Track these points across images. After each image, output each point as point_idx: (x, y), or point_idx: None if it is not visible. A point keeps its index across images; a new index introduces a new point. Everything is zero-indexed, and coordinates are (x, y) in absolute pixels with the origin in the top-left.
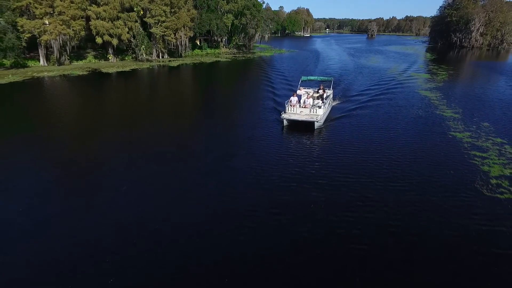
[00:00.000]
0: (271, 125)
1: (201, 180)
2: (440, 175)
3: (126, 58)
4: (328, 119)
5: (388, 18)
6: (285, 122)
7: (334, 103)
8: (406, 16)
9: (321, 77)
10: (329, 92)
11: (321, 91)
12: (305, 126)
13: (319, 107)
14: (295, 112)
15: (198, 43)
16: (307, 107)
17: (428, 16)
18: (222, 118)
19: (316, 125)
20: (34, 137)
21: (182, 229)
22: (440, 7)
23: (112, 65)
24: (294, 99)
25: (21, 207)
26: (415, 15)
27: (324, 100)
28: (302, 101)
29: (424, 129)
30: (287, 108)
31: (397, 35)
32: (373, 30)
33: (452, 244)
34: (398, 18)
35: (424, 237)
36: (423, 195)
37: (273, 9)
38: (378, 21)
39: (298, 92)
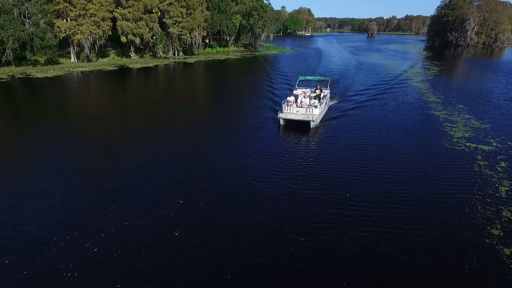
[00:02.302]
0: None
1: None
2: (418, 138)
3: (145, 56)
4: (325, 118)
5: (388, 17)
6: (281, 122)
7: (331, 103)
8: (406, 16)
9: (318, 77)
10: (326, 91)
11: (318, 91)
12: (301, 126)
13: (315, 106)
14: (291, 111)
15: (208, 41)
16: (304, 106)
17: (428, 15)
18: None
19: (312, 124)
20: (88, 117)
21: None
22: (438, 7)
23: (135, 61)
24: (291, 98)
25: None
26: (415, 14)
27: (321, 100)
28: (299, 100)
29: (411, 110)
30: (283, 108)
31: (396, 34)
32: (373, 29)
33: (419, 171)
34: (398, 17)
35: (405, 172)
36: (407, 152)
37: (275, 9)
38: (378, 20)
39: (295, 92)
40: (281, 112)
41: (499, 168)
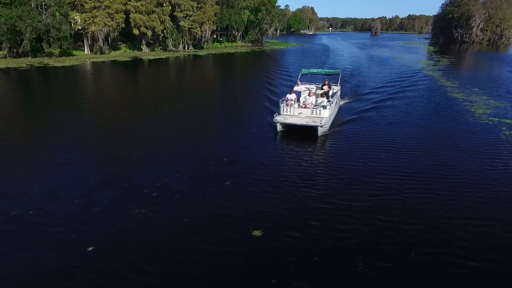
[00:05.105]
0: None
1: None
2: (442, 115)
3: (156, 49)
4: (335, 122)
5: (391, 17)
6: (278, 127)
7: (342, 102)
8: (409, 15)
9: (326, 70)
10: (336, 88)
11: (326, 87)
12: (305, 132)
13: (324, 107)
14: (292, 113)
15: (216, 37)
16: (308, 107)
17: (431, 15)
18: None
19: (320, 131)
20: (105, 104)
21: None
22: (442, 4)
23: (147, 54)
24: (291, 96)
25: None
26: (417, 14)
27: (330, 99)
28: (301, 99)
29: (429, 94)
30: (282, 109)
31: (400, 33)
32: (376, 28)
33: (446, 143)
34: (400, 17)
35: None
36: (434, 127)
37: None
38: (381, 19)
39: (296, 88)
40: (279, 114)
41: None
